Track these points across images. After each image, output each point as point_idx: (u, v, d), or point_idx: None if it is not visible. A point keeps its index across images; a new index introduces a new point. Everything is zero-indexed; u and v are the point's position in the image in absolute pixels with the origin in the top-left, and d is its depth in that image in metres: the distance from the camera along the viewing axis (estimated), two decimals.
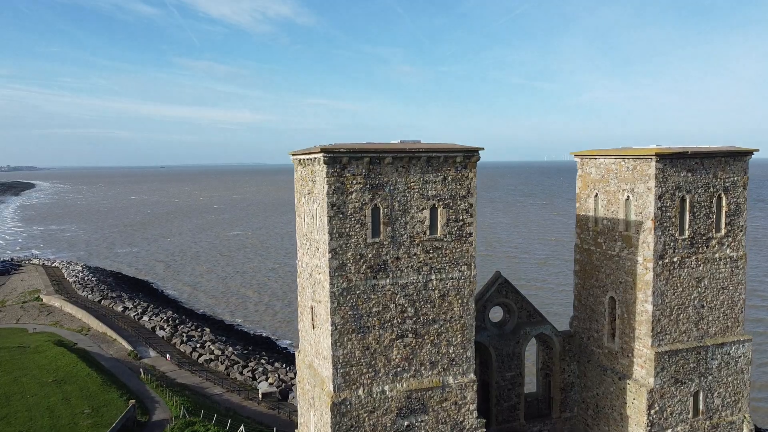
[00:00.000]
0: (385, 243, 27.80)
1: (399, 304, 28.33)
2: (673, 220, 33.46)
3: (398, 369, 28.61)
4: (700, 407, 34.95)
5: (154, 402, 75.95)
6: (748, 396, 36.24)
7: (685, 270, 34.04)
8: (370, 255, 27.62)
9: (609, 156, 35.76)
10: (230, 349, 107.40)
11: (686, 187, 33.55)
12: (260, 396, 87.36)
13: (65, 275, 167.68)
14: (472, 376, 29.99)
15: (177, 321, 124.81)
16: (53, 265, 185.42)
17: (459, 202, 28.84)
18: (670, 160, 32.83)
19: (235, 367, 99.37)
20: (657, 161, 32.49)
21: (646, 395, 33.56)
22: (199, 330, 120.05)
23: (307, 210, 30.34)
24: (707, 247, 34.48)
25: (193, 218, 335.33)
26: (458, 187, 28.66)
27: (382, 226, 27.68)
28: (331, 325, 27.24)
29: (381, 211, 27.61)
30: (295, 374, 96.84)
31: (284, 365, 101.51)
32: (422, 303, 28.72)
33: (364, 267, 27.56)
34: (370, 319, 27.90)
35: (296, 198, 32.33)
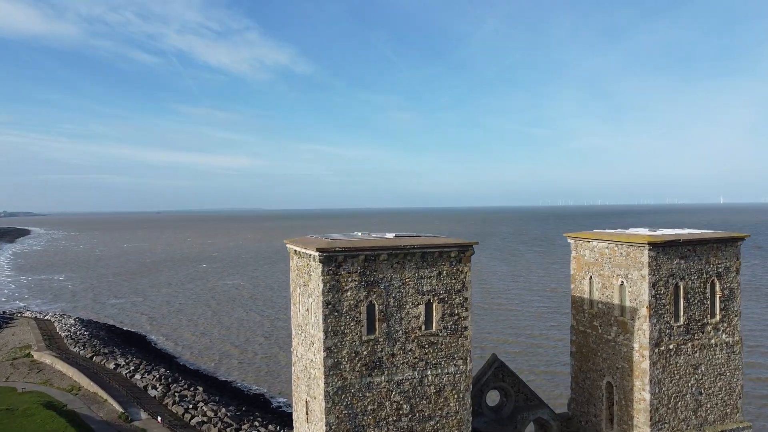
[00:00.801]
0: (381, 339, 27.74)
1: (394, 401, 28.09)
2: (668, 306, 33.56)
3: None
4: None
5: None
6: None
7: (682, 357, 33.95)
8: (365, 352, 27.52)
9: (602, 240, 36.09)
10: (223, 410, 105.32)
11: (680, 274, 33.78)
12: None
13: (57, 329, 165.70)
14: None
15: (170, 379, 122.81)
16: (45, 318, 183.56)
17: (454, 297, 28.93)
18: (662, 247, 33.16)
19: (228, 430, 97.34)
20: (650, 249, 32.81)
21: None
22: (191, 389, 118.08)
23: (303, 301, 30.34)
24: (702, 333, 34.50)
25: (187, 267, 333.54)
26: (453, 281, 28.81)
27: (377, 322, 27.67)
28: (326, 425, 26.92)
29: (376, 308, 27.65)
30: None
31: (278, 427, 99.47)
32: (418, 399, 28.47)
33: (359, 364, 27.42)
34: (365, 417, 27.60)
35: (291, 286, 32.35)
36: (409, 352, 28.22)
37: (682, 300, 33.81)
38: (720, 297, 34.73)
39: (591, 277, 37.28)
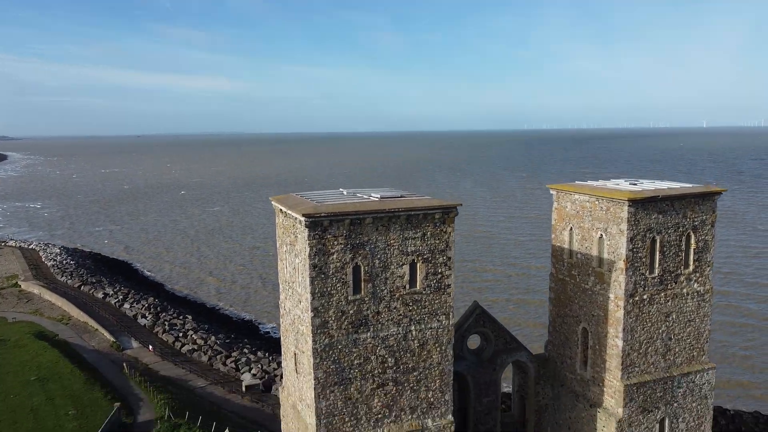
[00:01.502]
0: (366, 299, 28.65)
1: (380, 356, 29.37)
2: (644, 260, 34.73)
3: (379, 416, 29.82)
4: None
5: (139, 400, 76.85)
6: (710, 419, 38.26)
7: (654, 306, 35.50)
8: (351, 311, 28.47)
9: (584, 194, 36.71)
10: (213, 338, 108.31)
11: (657, 228, 34.74)
12: (243, 388, 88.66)
13: (43, 258, 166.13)
14: (449, 417, 31.33)
15: (159, 308, 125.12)
16: (30, 247, 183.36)
17: (438, 256, 29.68)
18: (642, 203, 33.89)
19: (218, 357, 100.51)
20: (629, 205, 33.54)
21: (615, 424, 35.34)
22: (181, 318, 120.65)
23: (289, 260, 30.95)
24: (676, 283, 35.92)
25: (167, 194, 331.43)
26: (437, 241, 29.46)
27: (363, 283, 28.47)
28: (314, 379, 28.23)
29: (362, 269, 28.36)
30: (278, 364, 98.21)
31: (266, 354, 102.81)
32: (402, 353, 29.79)
33: (345, 323, 28.43)
34: (351, 371, 28.93)
35: (278, 243, 32.87)
36: (394, 309, 29.25)
37: (657, 253, 34.95)
38: (694, 249, 35.93)
39: (571, 229, 38.19)
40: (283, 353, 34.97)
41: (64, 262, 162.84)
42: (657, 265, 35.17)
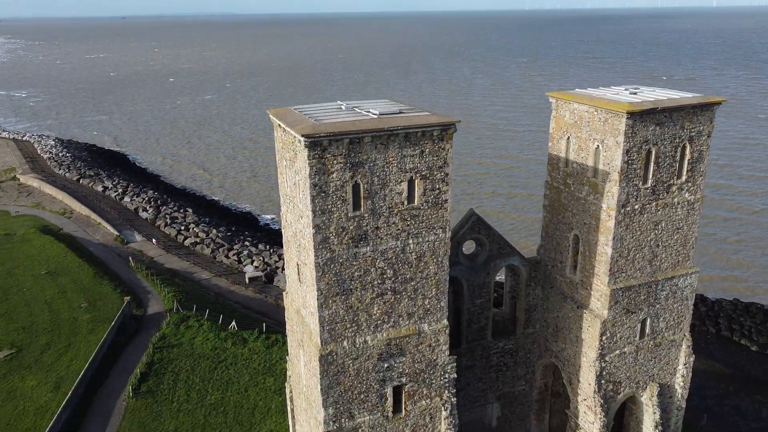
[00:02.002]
0: (366, 215, 29.49)
1: (379, 268, 30.73)
2: (638, 171, 35.30)
3: (378, 322, 31.74)
4: (647, 331, 39.40)
5: (147, 293, 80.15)
6: (689, 318, 40.70)
7: (645, 215, 36.58)
8: (351, 227, 29.41)
9: (583, 103, 36.52)
10: (214, 231, 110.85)
11: (653, 140, 34.99)
12: (247, 280, 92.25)
13: (38, 151, 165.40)
14: (444, 322, 33.36)
15: (159, 201, 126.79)
16: (24, 139, 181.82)
17: (436, 173, 30.17)
18: (640, 116, 33.89)
19: (220, 250, 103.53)
20: (628, 118, 33.56)
21: (600, 325, 37.68)
22: (182, 211, 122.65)
23: (289, 175, 31.44)
24: (668, 193, 36.76)
25: (157, 82, 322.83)
26: (435, 158, 29.81)
27: (362, 200, 29.17)
28: (317, 291, 29.76)
29: (361, 187, 28.94)
30: (279, 257, 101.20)
31: (267, 246, 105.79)
32: (400, 265, 31.14)
33: (346, 238, 29.48)
34: (352, 282, 30.40)
35: (277, 157, 33.17)
36: (393, 224, 30.20)
37: (652, 164, 35.44)
38: (689, 159, 36.40)
39: (569, 138, 38.37)
40: (285, 262, 36.40)
41: (60, 154, 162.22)
42: (650, 176, 35.80)
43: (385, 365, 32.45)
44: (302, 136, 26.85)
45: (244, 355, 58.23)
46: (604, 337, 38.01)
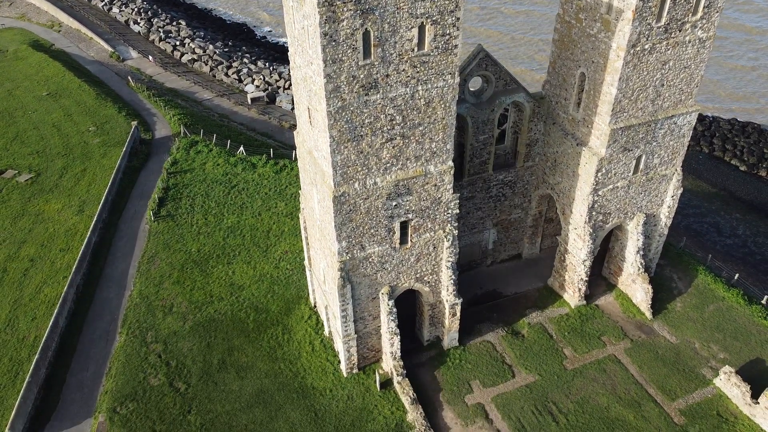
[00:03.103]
0: (376, 63, 29.50)
1: (389, 114, 31.51)
2: (653, 9, 34.32)
3: (388, 165, 33.37)
4: (641, 167, 41.35)
5: (152, 115, 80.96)
6: (684, 153, 42.39)
7: (654, 55, 36.33)
8: (362, 75, 29.61)
9: None
10: (211, 47, 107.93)
11: None
12: (249, 101, 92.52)
13: None
14: (450, 163, 35.01)
15: (149, 12, 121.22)
16: None
17: (446, 17, 29.51)
18: None
19: (219, 68, 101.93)
20: None
21: (597, 162, 39.46)
22: (174, 24, 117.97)
23: (297, 18, 30.74)
24: (680, 31, 36.09)
25: None
26: (446, 2, 28.98)
27: (372, 48, 28.96)
28: (329, 137, 30.92)
29: (372, 34, 28.56)
30: (279, 75, 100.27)
31: (267, 64, 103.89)
32: (409, 111, 31.87)
33: (357, 86, 29.84)
34: (363, 129, 31.41)
35: None
36: (402, 72, 30.32)
37: (669, 1, 34.34)
38: None
39: None
40: (296, 103, 36.97)
41: None
42: (665, 14, 34.90)
43: (393, 203, 34.83)
44: None
45: (254, 180, 60.95)
46: (599, 174, 40.06)
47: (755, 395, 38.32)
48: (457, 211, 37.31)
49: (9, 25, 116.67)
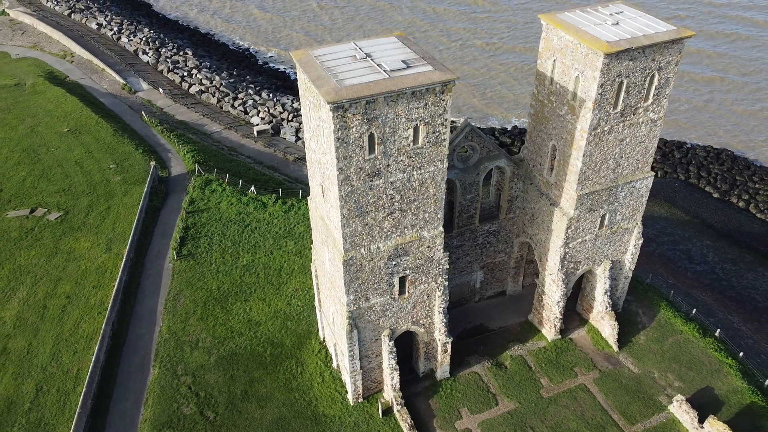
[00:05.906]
0: (379, 157, 35.94)
1: (389, 194, 37.97)
2: (610, 100, 40.90)
3: (388, 233, 39.85)
4: (605, 222, 47.98)
5: (167, 152, 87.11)
6: (642, 210, 49.01)
7: (612, 135, 42.94)
8: (367, 166, 36.04)
9: (569, 33, 40.67)
10: (217, 78, 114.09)
11: (626, 73, 40.06)
12: (255, 134, 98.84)
13: None
14: (440, 229, 41.50)
15: (157, 42, 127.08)
16: None
17: (437, 119, 35.98)
18: (616, 55, 38.63)
19: (226, 99, 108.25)
20: (605, 57, 38.34)
21: (567, 221, 46.06)
22: (181, 54, 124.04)
23: (313, 116, 37.14)
24: (634, 114, 42.69)
25: None
26: (436, 108, 35.43)
27: (376, 146, 35.42)
28: (341, 215, 37.40)
29: (375, 136, 35.00)
30: (282, 106, 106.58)
31: (270, 95, 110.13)
32: (406, 191, 38.34)
33: (363, 175, 36.27)
34: (368, 206, 37.86)
35: (301, 94, 38.49)
36: (400, 161, 36.75)
37: (623, 93, 40.91)
38: (656, 85, 41.73)
39: (554, 61, 43.07)
40: (310, 176, 43.43)
41: None
42: (620, 103, 41.49)
43: (393, 263, 41.34)
44: (328, 102, 32.36)
45: (265, 219, 67.32)
46: (569, 230, 46.68)
47: (701, 420, 45.03)
48: (447, 266, 43.90)
49: (23, 55, 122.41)
